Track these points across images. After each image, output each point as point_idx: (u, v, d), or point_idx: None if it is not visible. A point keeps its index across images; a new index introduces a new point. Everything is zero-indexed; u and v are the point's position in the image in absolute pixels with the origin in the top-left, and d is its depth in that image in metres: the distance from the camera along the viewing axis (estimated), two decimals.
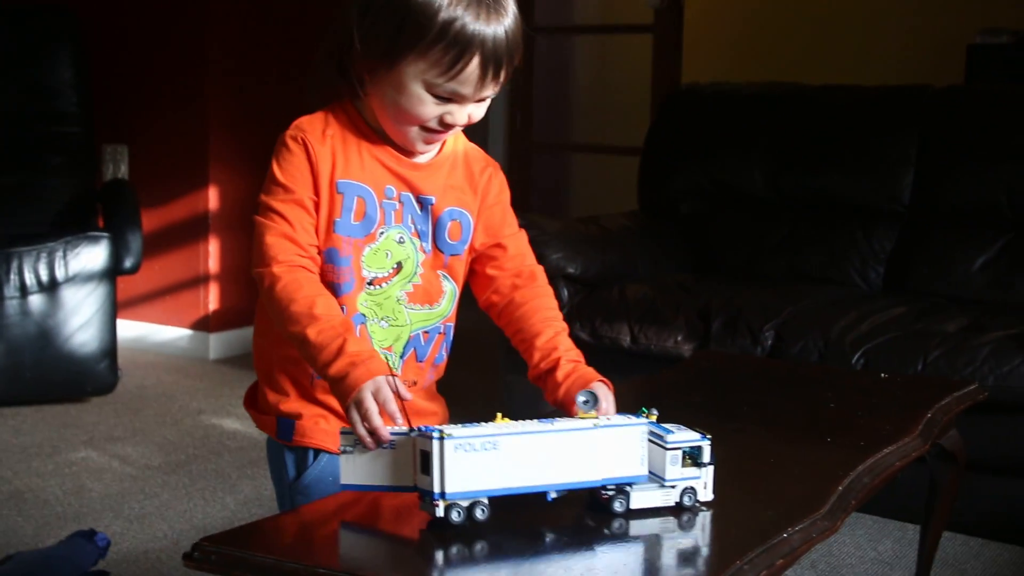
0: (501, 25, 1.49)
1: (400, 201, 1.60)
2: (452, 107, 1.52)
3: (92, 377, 3.92)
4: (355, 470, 1.37)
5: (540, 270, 1.72)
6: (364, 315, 1.59)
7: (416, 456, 1.33)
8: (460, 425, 1.32)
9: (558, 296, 3.39)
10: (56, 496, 3.10)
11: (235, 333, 4.69)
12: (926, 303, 3.30)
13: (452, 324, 1.69)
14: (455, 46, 1.47)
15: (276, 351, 1.63)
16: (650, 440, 1.41)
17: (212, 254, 4.63)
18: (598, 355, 3.32)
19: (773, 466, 1.67)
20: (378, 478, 1.37)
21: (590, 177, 6.64)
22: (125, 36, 4.74)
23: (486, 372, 3.69)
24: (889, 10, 5.45)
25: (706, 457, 1.42)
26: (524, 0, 1.58)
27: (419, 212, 1.61)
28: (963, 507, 2.52)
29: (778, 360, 3.01)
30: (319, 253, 1.56)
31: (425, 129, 1.55)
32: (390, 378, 1.40)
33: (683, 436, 1.42)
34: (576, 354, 1.62)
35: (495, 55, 1.49)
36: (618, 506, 1.38)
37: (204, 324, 4.66)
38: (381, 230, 1.59)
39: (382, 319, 1.61)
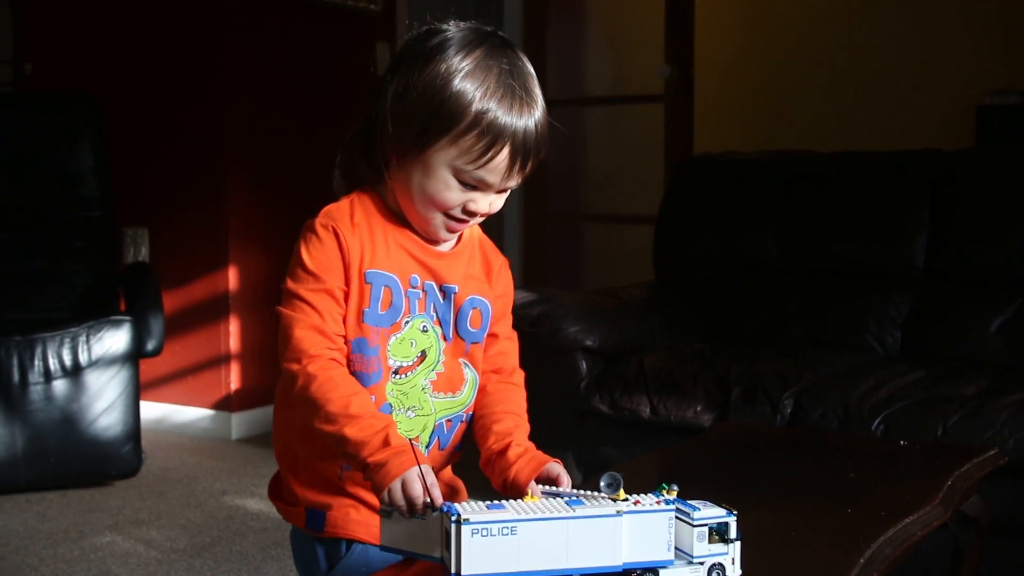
0: (532, 118, 1.54)
1: (424, 290, 1.60)
2: (476, 195, 1.55)
3: (116, 461, 3.93)
4: (393, 532, 1.38)
5: (521, 373, 1.72)
6: (391, 405, 1.58)
7: (443, 530, 1.34)
8: (486, 504, 1.33)
9: (577, 369, 3.46)
10: None
11: (257, 412, 4.72)
12: (944, 367, 3.30)
13: (473, 412, 1.68)
14: (486, 135, 1.50)
15: (303, 444, 1.62)
16: (676, 517, 1.42)
17: (232, 334, 4.66)
18: (618, 427, 3.38)
19: (795, 539, 1.67)
20: (414, 544, 1.38)
21: (604, 247, 6.67)
22: (144, 121, 4.82)
23: None
24: (898, 74, 5.52)
25: (733, 533, 1.42)
26: (537, 73, 1.61)
27: (441, 301, 1.62)
28: (988, 572, 2.50)
29: (797, 429, 3.02)
30: (346, 343, 1.55)
31: (448, 216, 1.56)
32: (431, 471, 1.41)
33: (710, 512, 1.42)
34: (530, 445, 1.60)
35: (524, 147, 1.53)
36: None
37: (226, 404, 4.68)
38: (406, 319, 1.59)
39: (408, 409, 1.60)
